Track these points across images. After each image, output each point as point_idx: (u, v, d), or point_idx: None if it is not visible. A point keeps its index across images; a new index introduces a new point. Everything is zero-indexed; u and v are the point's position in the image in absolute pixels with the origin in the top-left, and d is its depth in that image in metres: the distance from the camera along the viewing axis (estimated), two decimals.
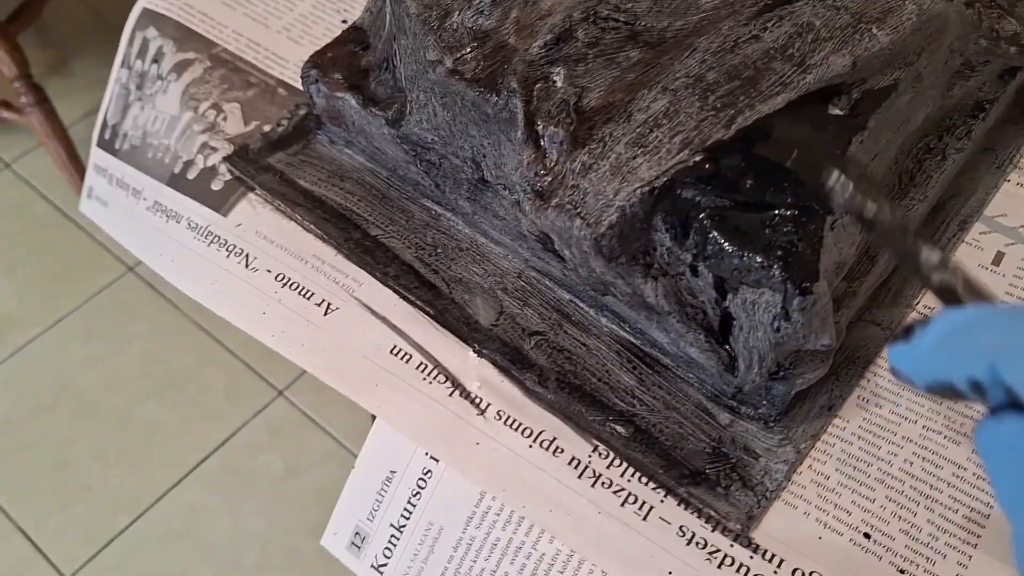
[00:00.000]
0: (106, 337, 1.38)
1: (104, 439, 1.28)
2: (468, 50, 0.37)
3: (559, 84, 0.35)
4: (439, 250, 0.47)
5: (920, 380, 0.20)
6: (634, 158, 0.32)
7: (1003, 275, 0.45)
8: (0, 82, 1.47)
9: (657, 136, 0.32)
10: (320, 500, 1.18)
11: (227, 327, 0.45)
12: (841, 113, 0.33)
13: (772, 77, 0.32)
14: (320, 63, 0.48)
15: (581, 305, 0.45)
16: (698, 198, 0.32)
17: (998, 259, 0.45)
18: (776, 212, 0.30)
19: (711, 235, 0.31)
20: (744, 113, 0.32)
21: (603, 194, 0.32)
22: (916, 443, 0.39)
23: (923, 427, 0.40)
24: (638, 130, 0.33)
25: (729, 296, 0.32)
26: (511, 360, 0.43)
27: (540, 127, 0.34)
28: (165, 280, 0.50)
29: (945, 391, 0.19)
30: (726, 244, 0.30)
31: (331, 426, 1.26)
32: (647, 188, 0.32)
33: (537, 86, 0.35)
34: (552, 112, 0.34)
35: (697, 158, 0.31)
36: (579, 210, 0.33)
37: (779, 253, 0.30)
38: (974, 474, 0.38)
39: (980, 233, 0.46)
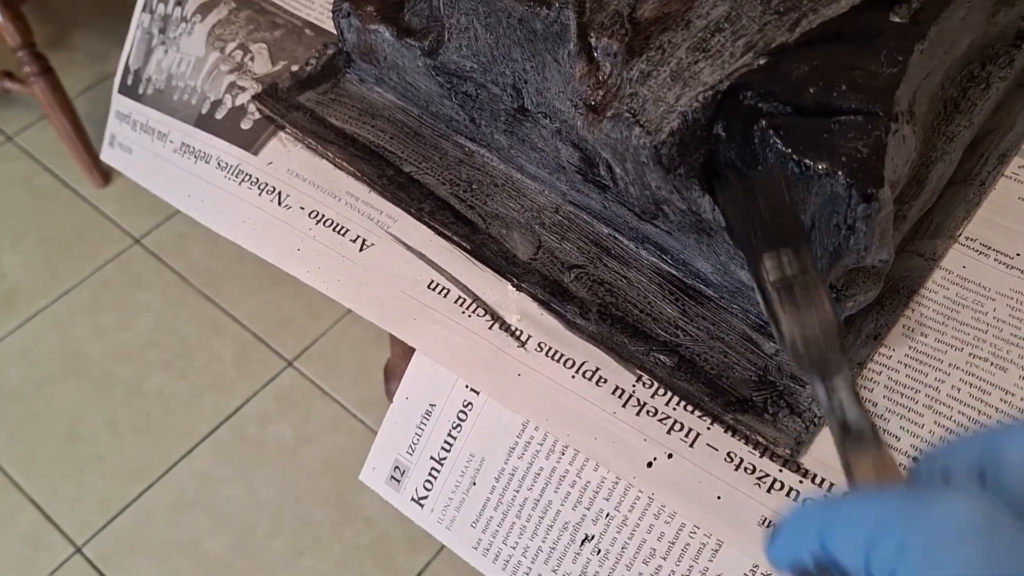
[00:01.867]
0: (114, 308, 1.37)
1: (114, 409, 1.27)
2: None
3: None
4: (474, 186, 0.47)
5: (781, 563, 0.23)
6: (696, 63, 0.32)
7: None
8: (3, 53, 1.46)
9: (719, 40, 0.32)
10: (330, 468, 1.18)
11: (235, 298, 0.45)
12: (902, 21, 0.32)
13: None
14: None
15: (620, 239, 0.44)
16: (760, 104, 0.31)
17: None
18: (840, 118, 0.30)
19: (773, 141, 0.30)
20: (808, 16, 0.31)
21: (664, 100, 0.32)
22: (963, 370, 0.39)
23: (969, 354, 0.39)
24: (699, 35, 0.32)
25: None
26: (551, 293, 0.43)
27: (593, 39, 0.34)
28: (172, 252, 0.50)
29: (804, 573, 0.22)
30: (789, 150, 0.30)
31: (340, 395, 1.26)
32: (710, 92, 0.31)
33: None
34: (606, 24, 0.34)
35: (762, 61, 0.31)
36: (638, 117, 0.32)
37: (843, 159, 0.29)
38: (1022, 399, 0.38)
39: (1020, 167, 0.46)
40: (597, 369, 0.41)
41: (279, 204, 0.47)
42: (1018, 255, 0.43)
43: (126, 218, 1.46)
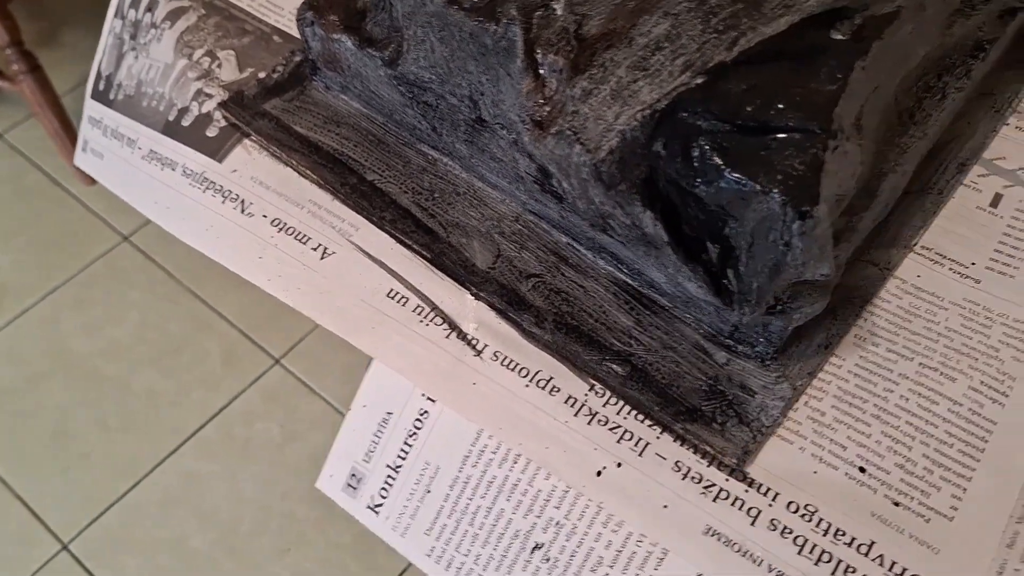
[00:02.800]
0: (102, 306, 1.38)
1: (102, 407, 1.28)
2: None
3: (559, 12, 0.34)
4: (436, 195, 0.47)
5: None
6: (635, 81, 0.32)
7: (1001, 216, 0.45)
8: None
9: (659, 59, 0.32)
10: (316, 465, 1.18)
11: (223, 295, 0.45)
12: (843, 38, 0.33)
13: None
14: (316, 5, 0.48)
15: (579, 248, 0.44)
16: (699, 122, 0.31)
17: (996, 201, 0.45)
18: (777, 136, 0.30)
19: (711, 159, 0.31)
20: (747, 35, 0.32)
21: (603, 119, 0.32)
22: (912, 380, 0.40)
23: (919, 364, 0.40)
24: (639, 54, 0.32)
25: (729, 223, 0.32)
26: (508, 302, 0.43)
27: (540, 55, 0.34)
28: (160, 249, 0.50)
29: None
30: (725, 168, 0.30)
31: (327, 393, 1.26)
32: (648, 111, 0.32)
33: (537, 14, 0.35)
34: (552, 40, 0.34)
35: (699, 80, 0.31)
36: (579, 136, 0.32)
37: (779, 177, 0.30)
38: (969, 409, 0.39)
39: (978, 176, 0.46)
40: (551, 378, 0.41)
41: (242, 212, 0.48)
42: (973, 264, 0.43)
43: (114, 215, 1.46)
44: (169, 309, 1.37)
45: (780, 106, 0.31)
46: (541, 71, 0.34)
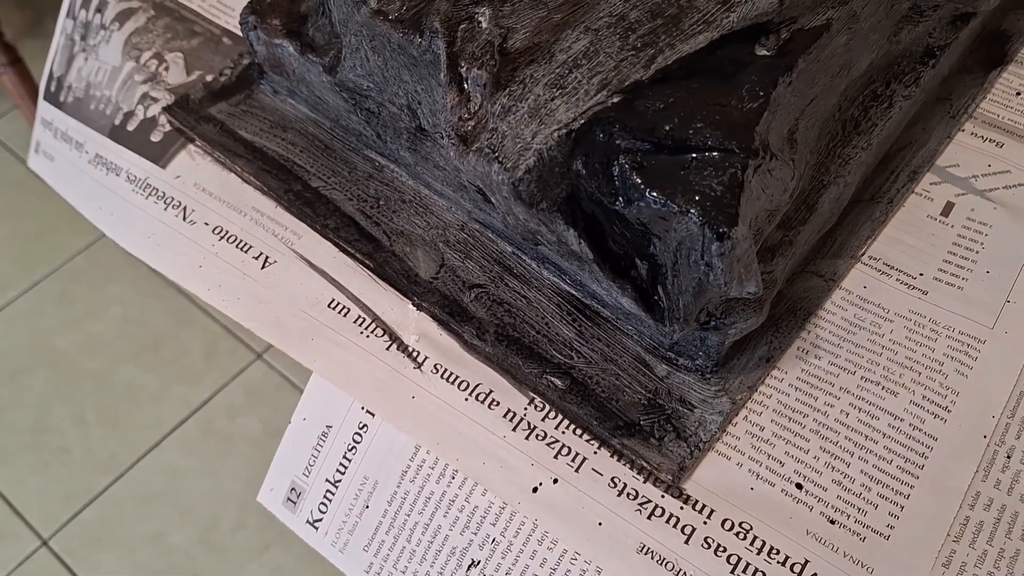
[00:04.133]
0: (83, 300, 1.37)
1: (82, 401, 1.27)
2: None
3: (484, 25, 0.34)
4: (382, 202, 0.46)
5: None
6: (552, 99, 0.31)
7: (952, 226, 0.44)
8: None
9: (576, 77, 0.31)
10: None
11: None
12: (768, 54, 0.32)
13: (695, 15, 0.31)
14: (259, 9, 0.47)
15: (523, 258, 0.44)
16: (617, 141, 0.31)
17: (947, 209, 0.44)
18: (695, 155, 0.30)
19: (630, 178, 0.30)
20: (664, 53, 0.31)
21: (521, 137, 0.31)
22: (853, 394, 0.39)
23: (861, 378, 0.39)
24: (557, 71, 0.32)
25: (653, 241, 0.32)
26: (450, 313, 0.43)
27: (464, 69, 0.33)
28: None
29: None
30: (645, 187, 0.30)
31: None
32: (564, 131, 0.31)
33: (462, 27, 0.34)
34: (476, 54, 0.33)
35: (615, 99, 0.30)
36: (497, 154, 0.32)
37: (697, 197, 0.29)
38: (910, 424, 0.38)
39: (931, 184, 0.45)
40: (491, 391, 0.41)
41: (184, 219, 0.47)
42: (921, 275, 0.42)
43: None
44: (151, 304, 1.36)
45: (699, 124, 0.30)
46: (466, 85, 0.33)
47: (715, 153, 0.29)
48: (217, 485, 1.19)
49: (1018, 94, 0.48)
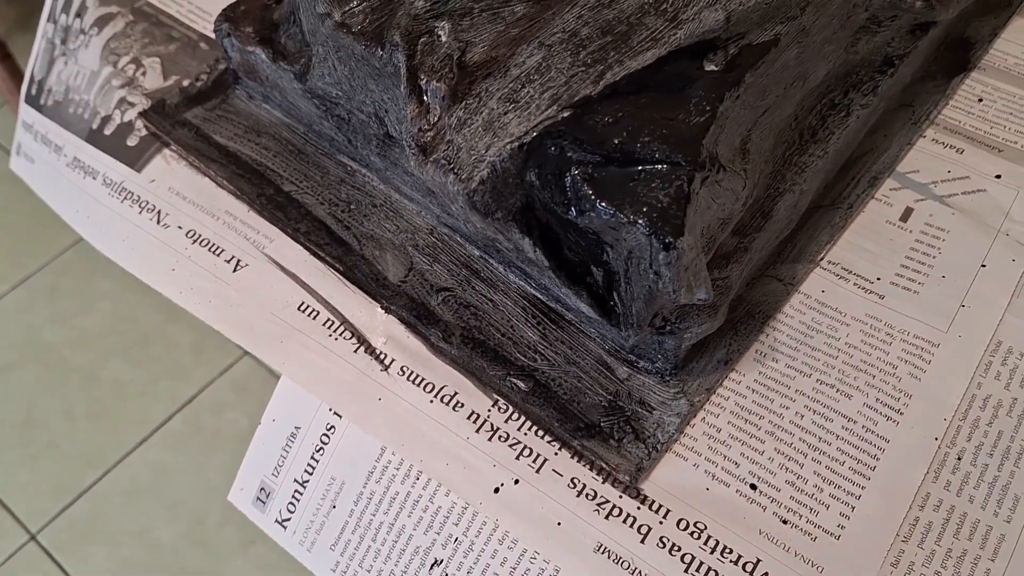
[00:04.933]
0: (72, 295, 1.38)
1: (71, 396, 1.28)
2: (356, 3, 0.36)
3: (444, 38, 0.34)
4: (353, 206, 0.47)
5: None
6: (505, 113, 0.32)
7: (910, 231, 0.45)
8: None
9: (528, 92, 0.32)
10: None
11: None
12: (716, 69, 0.33)
13: (644, 32, 0.32)
14: (232, 16, 0.48)
15: (491, 262, 0.45)
16: (569, 153, 0.32)
17: (906, 215, 0.45)
18: (643, 167, 0.30)
19: (581, 189, 0.31)
20: (613, 69, 0.32)
21: (475, 149, 0.32)
22: (809, 396, 0.40)
23: (817, 380, 0.40)
24: (511, 85, 0.33)
25: (606, 250, 0.33)
26: (417, 316, 0.43)
27: (423, 82, 0.34)
28: None
29: None
30: (595, 199, 0.30)
31: None
32: (516, 144, 0.32)
33: (422, 40, 0.35)
34: (435, 67, 0.34)
35: (565, 114, 0.31)
36: (452, 165, 0.33)
37: (644, 208, 0.30)
38: (863, 426, 0.39)
39: (891, 189, 0.46)
40: (455, 393, 0.41)
41: (158, 223, 0.48)
42: (878, 279, 0.43)
43: None
44: (139, 299, 1.37)
45: (646, 138, 0.31)
46: (425, 97, 0.34)
47: (663, 166, 0.30)
48: (203, 481, 1.20)
49: (980, 100, 0.49)
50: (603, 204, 0.30)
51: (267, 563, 1.12)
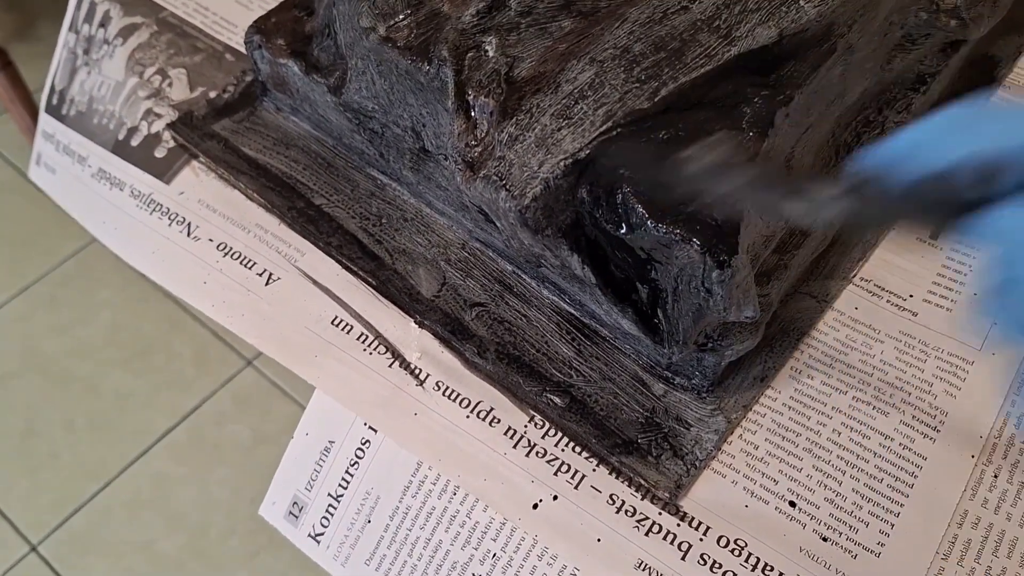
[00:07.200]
0: (73, 305, 1.37)
1: (72, 407, 1.27)
2: (401, 17, 0.37)
3: (491, 53, 0.35)
4: (384, 220, 0.47)
5: (911, 168, 0.20)
6: (559, 130, 0.32)
7: (941, 248, 0.45)
8: None
9: (582, 108, 0.32)
10: None
11: None
12: (768, 87, 0.33)
13: (697, 49, 0.32)
14: (264, 28, 0.48)
15: (523, 277, 0.45)
16: (622, 171, 0.32)
17: (937, 232, 0.45)
18: None
19: (633, 207, 0.31)
20: (668, 85, 0.32)
21: (528, 166, 0.32)
22: (845, 414, 0.40)
23: (853, 398, 0.40)
24: (564, 101, 0.33)
25: (655, 267, 0.33)
26: (452, 331, 0.43)
27: (471, 97, 0.34)
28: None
29: (931, 186, 0.20)
30: (647, 217, 0.31)
31: (298, 395, 1.26)
32: (570, 160, 0.32)
33: (469, 55, 0.35)
34: (483, 82, 0.34)
35: (619, 130, 0.31)
36: (504, 182, 0.33)
37: (698, 227, 0.30)
38: (900, 444, 0.39)
39: None
40: (491, 409, 0.41)
41: (188, 235, 0.48)
42: (911, 296, 0.44)
43: None
44: (140, 309, 1.36)
45: None
46: (473, 113, 0.34)
47: None
48: (206, 492, 1.19)
49: None
50: (655, 222, 0.30)
51: (272, 574, 1.11)
